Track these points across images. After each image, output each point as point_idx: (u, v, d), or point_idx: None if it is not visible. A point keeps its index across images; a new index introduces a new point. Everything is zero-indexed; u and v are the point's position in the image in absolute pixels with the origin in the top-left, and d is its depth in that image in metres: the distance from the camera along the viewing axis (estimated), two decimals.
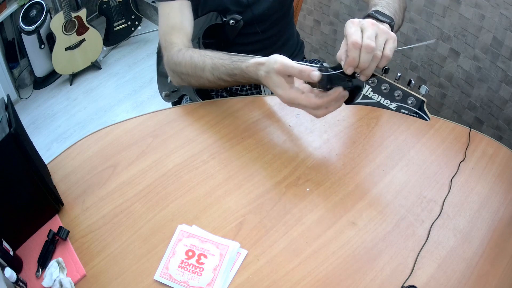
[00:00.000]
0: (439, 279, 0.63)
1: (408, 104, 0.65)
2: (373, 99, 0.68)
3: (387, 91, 0.67)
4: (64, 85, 2.47)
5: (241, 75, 0.81)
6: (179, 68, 0.88)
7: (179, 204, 0.76)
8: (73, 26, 2.28)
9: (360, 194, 0.74)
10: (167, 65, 0.92)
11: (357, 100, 0.70)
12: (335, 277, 0.64)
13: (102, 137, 0.89)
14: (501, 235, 0.68)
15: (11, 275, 0.62)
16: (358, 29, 0.67)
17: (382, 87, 0.67)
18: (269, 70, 0.74)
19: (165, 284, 0.65)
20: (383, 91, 0.67)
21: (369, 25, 0.67)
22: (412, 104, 0.65)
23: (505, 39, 1.16)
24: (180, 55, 0.87)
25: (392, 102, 0.67)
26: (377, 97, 0.68)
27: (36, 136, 2.15)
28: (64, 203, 0.78)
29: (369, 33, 0.66)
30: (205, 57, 0.84)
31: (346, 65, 0.67)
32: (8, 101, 0.72)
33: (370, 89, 0.68)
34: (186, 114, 0.93)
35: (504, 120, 1.30)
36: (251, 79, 0.80)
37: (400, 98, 0.66)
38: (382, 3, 0.83)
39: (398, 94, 0.66)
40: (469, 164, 0.78)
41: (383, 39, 0.67)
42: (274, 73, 0.73)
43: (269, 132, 0.87)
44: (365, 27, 0.67)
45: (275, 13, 1.09)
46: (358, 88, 0.70)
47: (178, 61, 0.88)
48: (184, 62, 0.87)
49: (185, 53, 0.87)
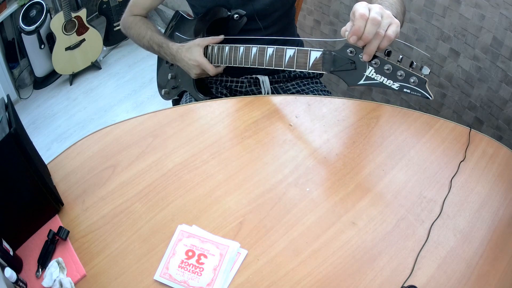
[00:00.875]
0: (439, 279, 0.63)
1: (411, 83, 0.67)
2: (376, 80, 0.70)
3: (390, 72, 0.69)
4: (64, 85, 2.47)
5: (164, 49, 1.08)
6: (128, 30, 1.18)
7: (179, 204, 0.76)
8: (73, 26, 2.28)
9: (360, 194, 0.74)
10: (122, 21, 1.20)
11: (361, 81, 0.72)
12: (335, 277, 0.64)
13: (102, 137, 0.89)
14: (501, 235, 0.68)
15: (11, 275, 0.62)
16: (366, 7, 0.71)
17: (385, 68, 0.69)
18: (190, 49, 1.02)
19: (165, 284, 0.65)
20: (385, 71, 0.69)
21: (377, 7, 0.71)
22: (414, 83, 0.67)
23: (505, 39, 1.16)
24: (134, 22, 1.16)
25: (395, 82, 0.69)
26: (380, 77, 0.70)
27: (36, 136, 2.15)
28: (64, 203, 0.78)
29: (376, 11, 0.70)
30: (147, 29, 1.12)
31: (351, 33, 0.70)
32: (8, 101, 0.72)
33: (373, 70, 0.71)
34: (186, 114, 0.93)
35: (504, 120, 1.30)
36: (169, 52, 1.07)
37: (403, 78, 0.68)
38: (385, 4, 0.85)
39: (401, 74, 0.68)
40: (469, 164, 0.78)
41: (388, 22, 0.70)
42: (196, 45, 1.01)
43: (269, 132, 0.86)
44: (373, 7, 0.71)
45: (276, 10, 1.10)
46: (361, 70, 0.72)
47: (129, 24, 1.17)
48: (133, 26, 1.16)
49: (137, 22, 1.16)
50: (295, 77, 1.19)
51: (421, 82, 0.67)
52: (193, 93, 1.12)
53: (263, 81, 1.14)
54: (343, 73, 0.76)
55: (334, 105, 0.91)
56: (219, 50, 1.02)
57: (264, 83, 1.15)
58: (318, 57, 0.80)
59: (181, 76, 1.18)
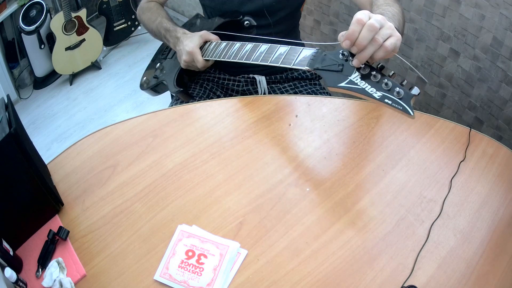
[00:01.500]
0: (439, 279, 0.63)
1: (394, 95, 0.62)
2: (358, 86, 0.65)
3: (376, 81, 0.64)
4: (64, 85, 2.47)
5: (170, 33, 1.10)
6: (142, 15, 1.22)
7: (179, 204, 0.76)
8: (73, 26, 2.28)
9: (360, 194, 0.74)
10: (139, 6, 1.24)
11: (342, 84, 0.67)
12: (335, 277, 0.64)
13: (102, 137, 0.89)
14: (501, 235, 0.68)
15: (11, 275, 0.62)
16: (367, 14, 0.66)
17: (371, 75, 0.65)
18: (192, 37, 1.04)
19: (165, 284, 0.65)
20: (371, 79, 0.64)
21: (379, 16, 0.67)
22: (398, 95, 0.62)
23: (505, 39, 1.16)
24: (148, 6, 1.21)
25: (378, 91, 0.63)
26: (363, 84, 0.65)
27: (36, 136, 2.15)
28: (64, 203, 0.78)
29: (377, 19, 0.66)
30: (158, 15, 1.16)
31: (345, 37, 0.66)
32: (8, 101, 0.72)
33: (359, 76, 0.66)
34: (186, 114, 0.93)
35: (504, 120, 1.30)
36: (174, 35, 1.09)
37: (387, 88, 0.63)
38: (388, 14, 0.85)
39: (386, 83, 0.63)
40: (469, 164, 0.78)
41: (388, 32, 0.66)
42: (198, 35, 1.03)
43: (269, 132, 0.86)
44: (374, 15, 0.67)
45: (283, 8, 1.10)
46: (347, 73, 0.67)
47: (143, 10, 1.22)
48: (146, 11, 1.20)
49: (151, 7, 1.21)
50: (292, 79, 1.19)
51: (407, 97, 0.61)
52: (170, 84, 1.13)
53: (259, 80, 1.14)
54: (326, 72, 0.70)
55: (334, 105, 0.91)
56: (215, 45, 1.02)
57: (260, 83, 1.15)
58: (308, 55, 0.76)
59: (167, 69, 1.20)
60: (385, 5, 0.91)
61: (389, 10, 0.88)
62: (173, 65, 1.18)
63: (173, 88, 1.10)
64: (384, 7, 0.90)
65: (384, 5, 0.91)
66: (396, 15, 0.87)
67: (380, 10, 0.89)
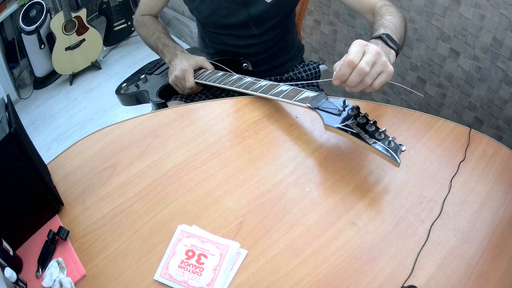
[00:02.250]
0: (439, 279, 0.63)
1: (386, 144, 0.68)
2: (353, 130, 0.71)
3: (370, 130, 0.70)
4: (64, 85, 2.47)
5: (169, 49, 1.13)
6: (138, 28, 1.25)
7: (179, 204, 0.76)
8: (73, 26, 2.28)
9: (360, 194, 0.74)
10: (135, 19, 1.28)
11: (338, 125, 0.73)
12: (335, 277, 0.64)
13: (102, 137, 0.89)
14: (501, 235, 0.68)
15: (11, 275, 0.62)
16: (361, 50, 0.70)
17: (366, 125, 0.70)
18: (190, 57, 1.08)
19: (165, 284, 0.65)
20: (366, 128, 0.70)
21: (373, 52, 0.70)
22: (389, 145, 0.68)
23: (505, 39, 1.16)
24: (143, 20, 1.24)
25: (371, 138, 0.69)
26: (358, 130, 0.70)
27: (36, 136, 2.16)
28: (64, 203, 0.78)
29: (368, 58, 0.70)
30: (155, 30, 1.18)
31: (335, 77, 0.72)
32: (8, 101, 0.72)
33: (355, 123, 0.71)
34: (186, 114, 0.93)
35: (504, 120, 1.30)
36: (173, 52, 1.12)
37: (380, 138, 0.69)
38: (391, 27, 0.86)
39: (380, 133, 0.69)
40: (469, 164, 0.78)
41: (379, 70, 0.71)
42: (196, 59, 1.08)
43: (269, 132, 0.87)
44: (369, 51, 0.70)
45: (272, 18, 1.09)
46: (345, 118, 0.73)
47: (139, 23, 1.25)
48: (142, 26, 1.23)
49: (147, 21, 1.23)
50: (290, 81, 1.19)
51: (396, 148, 0.68)
52: (152, 93, 1.17)
53: None
54: (325, 113, 0.76)
55: None
56: (211, 73, 1.04)
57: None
58: (310, 96, 0.81)
59: (151, 83, 1.24)
60: (388, 15, 0.90)
61: (391, 21, 0.88)
62: (159, 81, 1.22)
63: (154, 98, 1.14)
64: (386, 17, 0.89)
65: (386, 15, 0.91)
66: (399, 27, 0.88)
67: (382, 20, 0.89)
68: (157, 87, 1.17)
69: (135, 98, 1.26)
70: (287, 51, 1.23)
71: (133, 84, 1.26)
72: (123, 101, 1.32)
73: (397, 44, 0.83)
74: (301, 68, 1.26)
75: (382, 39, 0.82)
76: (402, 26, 0.90)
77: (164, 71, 1.27)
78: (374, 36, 0.84)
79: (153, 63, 1.37)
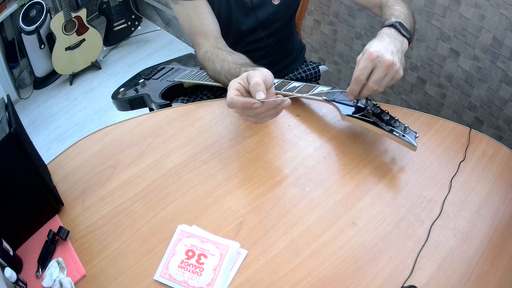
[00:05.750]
0: (439, 279, 0.63)
1: (402, 130, 0.73)
2: (370, 119, 0.75)
3: (386, 118, 0.74)
4: (64, 85, 2.47)
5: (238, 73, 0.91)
6: (206, 69, 1.00)
7: (179, 204, 0.76)
8: (73, 26, 2.28)
9: (360, 194, 0.74)
10: (198, 57, 1.03)
11: (356, 115, 0.77)
12: (335, 277, 0.64)
13: (102, 137, 0.89)
14: (501, 235, 0.68)
15: (11, 275, 0.62)
16: (369, 66, 0.73)
17: (381, 114, 0.75)
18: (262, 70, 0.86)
19: (165, 284, 0.65)
20: (382, 117, 0.75)
21: (383, 67, 0.72)
22: (404, 131, 0.72)
23: (505, 39, 1.16)
24: (206, 58, 0.98)
25: (387, 125, 0.74)
26: (374, 118, 0.75)
27: (36, 136, 2.15)
28: (64, 203, 0.78)
29: (377, 77, 0.73)
30: (223, 62, 0.92)
31: (348, 92, 0.77)
32: (8, 101, 0.72)
33: (370, 113, 0.76)
34: (186, 114, 0.93)
35: (504, 120, 1.30)
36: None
37: (396, 125, 0.73)
38: (401, 17, 0.86)
39: (395, 121, 0.73)
40: (469, 164, 0.78)
41: (388, 80, 0.74)
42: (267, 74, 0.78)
43: (269, 132, 0.86)
44: (379, 66, 0.72)
45: (278, 19, 1.10)
46: (361, 108, 0.78)
47: (204, 64, 0.99)
48: (208, 64, 0.97)
49: (210, 57, 0.96)
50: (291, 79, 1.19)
51: (411, 134, 0.72)
52: (155, 95, 1.15)
53: None
54: (341, 104, 0.80)
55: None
56: None
57: None
58: (325, 90, 0.84)
59: (151, 87, 1.23)
60: (397, 5, 0.91)
61: (401, 11, 0.88)
62: (159, 84, 1.21)
63: (158, 99, 1.14)
64: (396, 7, 0.90)
65: (395, 5, 0.91)
66: (409, 17, 0.88)
67: (392, 10, 0.89)
68: (159, 90, 1.17)
69: (133, 103, 1.26)
70: (290, 53, 1.24)
71: (132, 89, 1.26)
72: (119, 106, 1.32)
73: (409, 32, 0.83)
74: (301, 69, 1.26)
75: (395, 27, 0.81)
76: (411, 16, 0.90)
77: (163, 75, 1.27)
78: (386, 24, 0.83)
79: (149, 69, 1.38)
